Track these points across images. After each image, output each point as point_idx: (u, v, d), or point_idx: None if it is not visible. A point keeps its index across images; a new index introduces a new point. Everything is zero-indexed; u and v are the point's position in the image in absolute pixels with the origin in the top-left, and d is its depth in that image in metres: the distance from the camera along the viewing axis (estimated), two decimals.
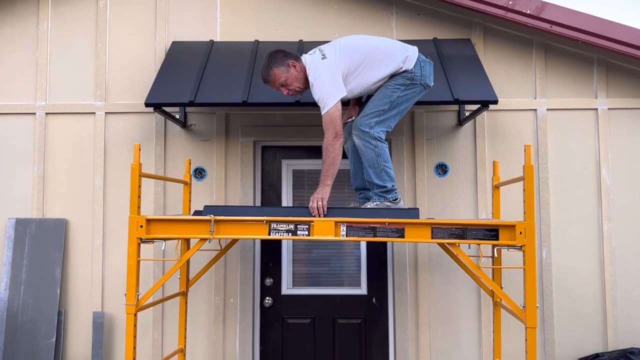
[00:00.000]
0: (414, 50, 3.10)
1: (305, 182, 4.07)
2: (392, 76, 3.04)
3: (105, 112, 3.99)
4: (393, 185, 3.00)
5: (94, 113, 4.00)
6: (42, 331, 3.74)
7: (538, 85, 3.93)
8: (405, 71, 3.03)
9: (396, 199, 3.00)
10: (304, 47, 3.91)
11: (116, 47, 4.07)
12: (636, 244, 3.81)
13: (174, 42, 4.00)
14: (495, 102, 3.38)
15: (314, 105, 3.46)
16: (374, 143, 2.96)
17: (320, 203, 2.86)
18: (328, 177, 2.92)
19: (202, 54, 3.86)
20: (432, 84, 3.12)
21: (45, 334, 3.73)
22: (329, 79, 2.92)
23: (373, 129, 2.97)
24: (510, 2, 3.74)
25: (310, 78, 2.98)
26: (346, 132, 3.20)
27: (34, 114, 4.01)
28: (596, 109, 3.90)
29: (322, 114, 2.93)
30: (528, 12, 3.74)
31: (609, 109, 3.90)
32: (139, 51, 4.05)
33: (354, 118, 3.25)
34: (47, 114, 4.01)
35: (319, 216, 2.85)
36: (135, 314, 2.81)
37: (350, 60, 2.99)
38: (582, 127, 3.91)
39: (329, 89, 2.91)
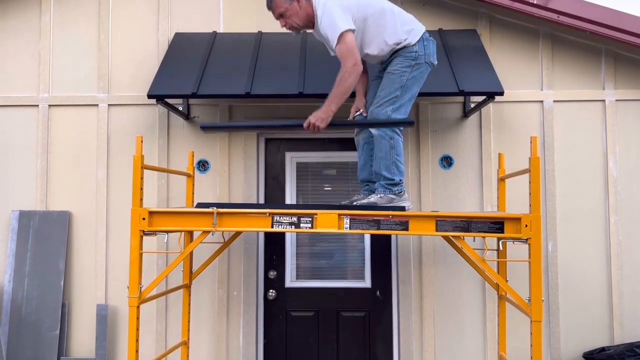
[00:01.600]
0: (419, 26, 3.09)
1: (310, 175, 4.05)
2: (395, 53, 3.01)
3: (108, 104, 3.98)
4: (401, 180, 2.98)
5: (97, 105, 3.98)
6: (46, 323, 3.74)
7: (544, 76, 3.88)
8: (407, 47, 2.99)
9: (401, 192, 2.97)
10: (308, 38, 3.87)
11: (119, 38, 4.04)
12: None
13: (176, 34, 3.97)
14: (501, 93, 3.33)
15: (318, 96, 3.44)
16: (390, 134, 2.93)
17: (316, 123, 2.82)
18: (334, 103, 2.83)
19: (205, 45, 3.83)
20: (436, 62, 3.11)
21: (49, 326, 3.74)
22: (339, 10, 2.86)
23: (390, 117, 2.93)
24: None
25: (318, 12, 2.91)
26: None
27: (37, 106, 4.00)
28: (604, 101, 3.85)
29: (335, 45, 2.84)
30: (535, 2, 3.69)
31: (616, 100, 3.85)
32: (142, 43, 4.02)
33: (361, 111, 3.22)
34: (50, 106, 4.00)
35: (310, 130, 2.83)
36: (138, 307, 2.80)
37: (360, 8, 2.95)
38: (589, 119, 3.86)
39: (340, 17, 2.84)
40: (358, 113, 3.23)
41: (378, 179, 2.99)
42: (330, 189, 4.07)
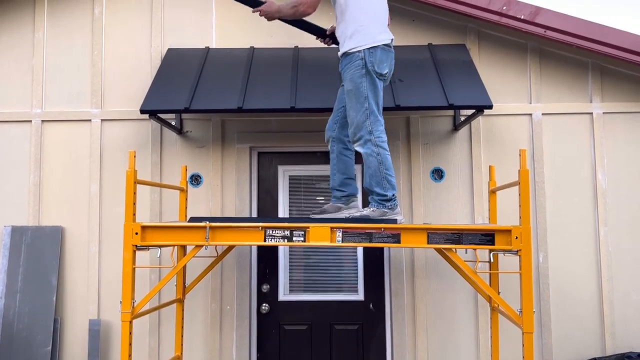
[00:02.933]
0: (371, 32, 2.93)
1: (302, 188, 4.07)
2: (345, 56, 2.97)
3: (101, 119, 3.99)
4: (393, 195, 2.93)
5: (90, 120, 4.00)
6: (38, 339, 3.72)
7: (533, 89, 3.95)
8: (353, 52, 2.93)
9: (394, 207, 2.95)
10: (299, 53, 3.92)
11: (112, 54, 4.07)
12: (633, 248, 3.81)
13: (169, 49, 4.01)
14: (490, 107, 3.38)
15: (309, 110, 3.49)
16: (377, 151, 2.90)
17: (264, 13, 3.11)
18: (281, 13, 3.09)
19: (198, 60, 3.87)
20: (386, 71, 2.96)
21: (41, 343, 3.71)
22: None
23: (372, 134, 2.90)
24: (504, 8, 3.75)
25: None
26: (328, 134, 3.20)
27: (30, 121, 4.01)
28: (591, 113, 3.91)
29: None
30: (522, 17, 3.76)
31: (604, 113, 3.91)
32: (135, 58, 4.06)
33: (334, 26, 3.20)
34: (43, 121, 4.01)
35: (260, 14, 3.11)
36: (131, 322, 2.79)
37: None
38: (577, 131, 3.92)
39: None
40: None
41: (371, 194, 2.99)
42: (323, 201, 4.09)
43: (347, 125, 3.02)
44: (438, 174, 3.91)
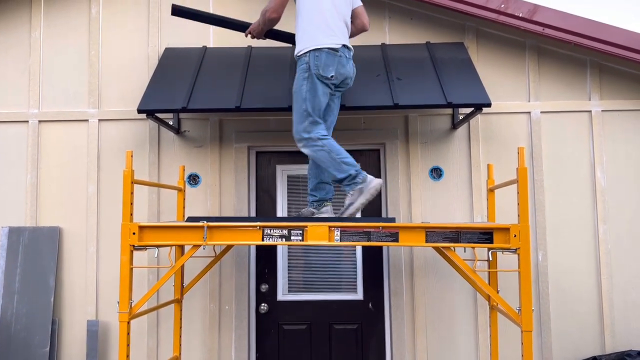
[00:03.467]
0: (317, 36, 2.99)
1: (301, 188, 4.06)
2: (297, 60, 3.07)
3: (99, 119, 3.98)
4: (356, 170, 2.92)
5: (87, 120, 3.99)
6: (36, 340, 3.70)
7: (531, 88, 3.94)
8: (300, 56, 3.03)
9: (364, 178, 2.91)
10: None
11: (109, 54, 4.06)
12: (632, 246, 3.80)
13: (166, 49, 3.99)
14: (489, 105, 3.37)
15: None
16: (320, 143, 2.94)
17: (252, 33, 3.26)
18: (260, 26, 3.23)
19: (195, 60, 3.86)
20: (332, 75, 2.97)
21: (39, 343, 3.70)
22: None
23: (311, 133, 2.96)
24: (502, 6, 3.75)
25: None
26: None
27: (27, 122, 4.00)
28: (590, 111, 3.90)
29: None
30: (520, 15, 3.75)
31: (602, 110, 3.90)
32: (132, 58, 4.04)
33: None
34: (40, 121, 4.00)
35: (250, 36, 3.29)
36: (129, 322, 2.78)
37: None
38: (576, 129, 3.91)
39: None
40: None
41: (341, 184, 3.00)
42: None
43: None
44: (437, 172, 3.90)
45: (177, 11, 3.47)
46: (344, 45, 3.03)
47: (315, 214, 3.15)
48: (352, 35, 3.29)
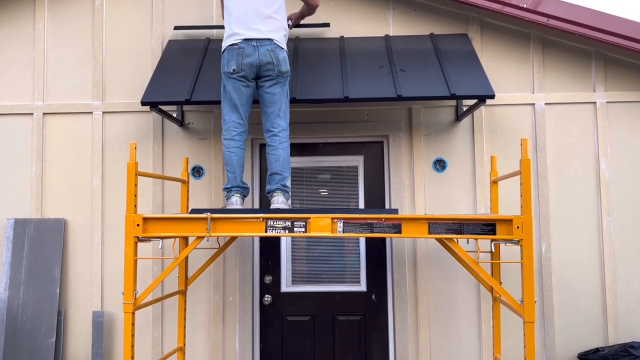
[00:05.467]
0: (225, 38, 3.23)
1: (304, 180, 4.07)
2: None
3: (103, 112, 3.99)
4: (228, 188, 3.21)
5: (92, 113, 4.00)
6: (42, 331, 3.74)
7: (536, 79, 3.92)
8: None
9: (228, 197, 3.20)
10: (300, 45, 3.90)
11: (113, 46, 4.07)
12: (636, 238, 3.80)
13: (170, 41, 4.00)
14: (492, 96, 3.36)
15: (309, 102, 3.49)
16: (225, 144, 3.22)
17: None
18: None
19: (199, 52, 3.86)
20: (233, 68, 3.15)
21: (45, 334, 3.74)
22: None
23: (223, 134, 3.24)
24: None
25: None
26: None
27: (32, 114, 4.01)
28: (594, 103, 3.89)
29: None
30: (525, 6, 3.73)
31: (607, 102, 3.88)
32: (136, 50, 4.05)
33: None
34: (44, 114, 4.01)
35: None
36: (133, 313, 2.80)
37: None
38: (580, 121, 3.89)
39: None
40: None
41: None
42: (325, 193, 4.09)
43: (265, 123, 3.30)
44: (440, 164, 3.90)
45: None
46: (245, 39, 3.16)
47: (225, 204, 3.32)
48: (303, 16, 3.71)
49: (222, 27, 3.66)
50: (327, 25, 3.92)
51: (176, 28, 3.98)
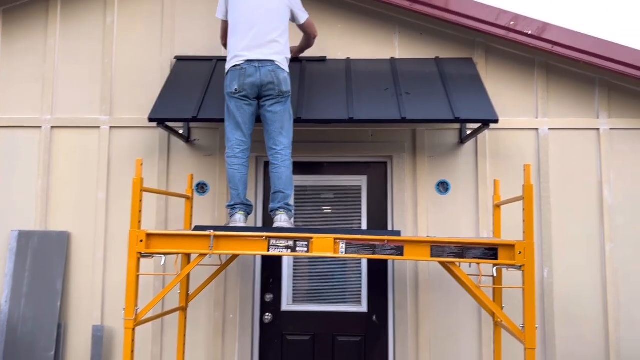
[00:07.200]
0: (228, 60, 3.33)
1: (307, 198, 4.09)
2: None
3: (110, 127, 4.04)
4: (232, 205, 3.27)
5: (99, 127, 4.04)
6: (42, 344, 3.73)
7: (540, 104, 3.95)
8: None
9: (233, 214, 3.25)
10: (305, 66, 3.95)
11: (122, 62, 4.12)
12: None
13: (178, 59, 4.05)
14: (496, 121, 3.39)
15: (315, 122, 3.53)
16: (228, 162, 3.28)
17: None
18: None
19: (207, 70, 3.91)
20: (235, 88, 3.24)
21: (44, 347, 3.73)
22: None
23: (226, 152, 3.30)
24: (511, 23, 3.77)
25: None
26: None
27: (40, 127, 4.06)
28: (598, 129, 3.91)
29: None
30: (529, 32, 3.77)
31: (610, 129, 3.90)
32: (145, 66, 4.10)
33: None
34: (52, 127, 4.06)
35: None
36: (134, 329, 2.80)
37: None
38: (584, 147, 3.91)
39: None
40: None
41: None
42: (328, 211, 4.10)
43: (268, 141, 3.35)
44: (443, 186, 3.91)
45: None
46: (247, 60, 3.24)
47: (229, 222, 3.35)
48: (302, 50, 3.81)
49: (224, 58, 3.74)
50: (323, 59, 4.00)
51: (177, 58, 4.04)
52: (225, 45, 3.63)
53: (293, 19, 3.53)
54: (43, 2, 4.21)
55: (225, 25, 3.55)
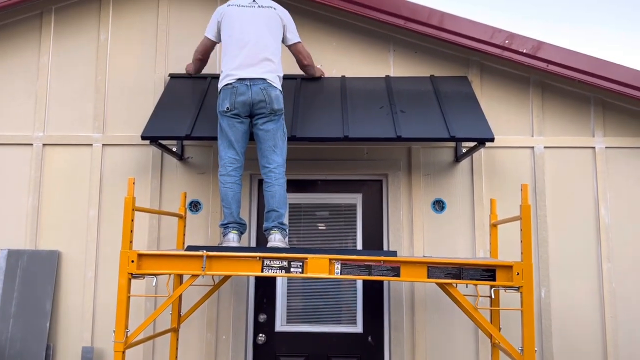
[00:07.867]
0: (220, 79, 3.33)
1: (302, 216, 4.04)
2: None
3: (103, 144, 3.99)
4: (225, 224, 3.25)
5: (91, 145, 4.00)
6: None
7: (535, 123, 3.94)
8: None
9: (226, 234, 3.23)
10: (301, 84, 3.93)
11: (115, 80, 4.10)
12: (637, 284, 3.74)
13: (172, 77, 4.03)
14: (491, 139, 3.37)
15: (310, 140, 3.50)
16: (221, 180, 3.27)
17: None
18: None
19: (200, 89, 3.88)
20: (227, 107, 3.23)
21: None
22: None
23: (219, 170, 3.30)
24: (506, 41, 3.78)
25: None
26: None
27: (31, 144, 4.01)
28: (593, 148, 3.90)
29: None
30: (524, 51, 3.78)
31: (606, 147, 3.89)
32: (138, 84, 4.08)
33: None
34: (44, 144, 4.01)
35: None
36: (124, 352, 2.73)
37: None
38: (579, 165, 3.89)
39: None
40: None
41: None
42: (323, 229, 4.05)
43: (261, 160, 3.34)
44: (439, 205, 3.88)
45: None
46: (239, 79, 3.24)
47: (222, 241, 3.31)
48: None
49: (218, 76, 3.73)
50: (318, 77, 3.98)
51: (171, 76, 4.02)
52: (198, 60, 3.71)
53: (284, 39, 3.52)
54: (36, 18, 4.19)
55: (206, 42, 3.58)
